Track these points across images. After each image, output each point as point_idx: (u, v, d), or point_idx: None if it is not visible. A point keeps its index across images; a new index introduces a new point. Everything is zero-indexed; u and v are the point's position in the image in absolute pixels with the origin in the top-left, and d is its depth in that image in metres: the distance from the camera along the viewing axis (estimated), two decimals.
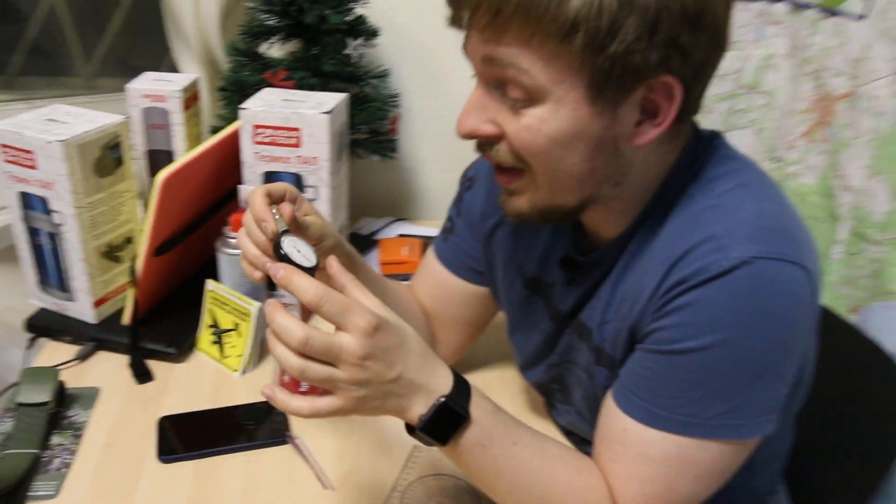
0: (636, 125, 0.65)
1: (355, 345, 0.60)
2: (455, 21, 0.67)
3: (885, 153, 1.16)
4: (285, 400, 0.63)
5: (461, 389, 0.67)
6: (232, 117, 1.21)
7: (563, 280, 0.82)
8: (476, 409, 0.67)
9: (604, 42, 0.59)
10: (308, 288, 0.61)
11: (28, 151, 0.95)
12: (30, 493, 0.81)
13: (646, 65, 0.60)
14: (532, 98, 0.63)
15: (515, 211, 0.73)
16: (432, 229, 1.37)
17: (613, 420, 0.70)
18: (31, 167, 0.96)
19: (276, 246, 0.70)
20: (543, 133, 0.64)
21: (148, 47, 1.93)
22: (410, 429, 0.68)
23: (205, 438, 0.89)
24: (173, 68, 1.35)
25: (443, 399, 0.65)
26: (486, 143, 0.69)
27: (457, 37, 0.68)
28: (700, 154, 0.72)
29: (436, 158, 1.49)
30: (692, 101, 0.66)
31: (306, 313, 1.05)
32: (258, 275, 0.73)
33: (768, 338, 0.64)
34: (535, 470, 0.70)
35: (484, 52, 0.64)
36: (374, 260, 1.30)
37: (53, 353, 1.03)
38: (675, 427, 0.66)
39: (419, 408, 0.65)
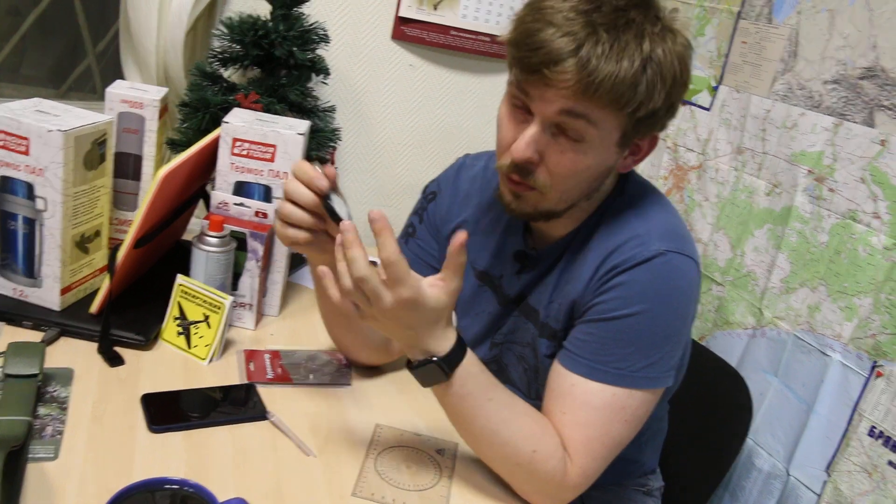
0: (624, 158, 0.90)
1: (389, 303, 0.79)
2: (532, 79, 0.82)
3: (725, 213, 1.48)
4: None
5: (454, 356, 0.85)
6: (190, 131, 1.30)
7: (513, 271, 1.03)
8: (461, 370, 0.86)
9: (643, 113, 0.82)
10: (392, 251, 0.77)
11: (23, 138, 1.00)
12: (31, 456, 0.84)
13: (655, 126, 0.87)
14: (583, 139, 0.84)
15: (521, 211, 0.93)
16: None
17: (563, 379, 0.91)
18: (23, 153, 1.00)
19: (326, 198, 0.84)
20: (583, 163, 0.86)
21: (40, 59, 1.94)
22: (411, 367, 0.87)
23: (190, 412, 0.97)
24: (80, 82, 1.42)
25: (435, 359, 0.84)
26: (524, 168, 0.88)
27: (387, 87, 0.87)
28: (626, 179, 0.97)
29: (360, 193, 1.64)
30: None
31: None
32: (302, 235, 0.87)
33: (675, 309, 0.89)
34: (505, 419, 0.89)
35: (563, 106, 0.82)
36: (305, 275, 1.42)
37: (11, 337, 1.05)
38: (611, 379, 0.88)
39: (417, 354, 0.85)
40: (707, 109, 1.56)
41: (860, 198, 1.18)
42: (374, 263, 0.80)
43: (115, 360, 1.04)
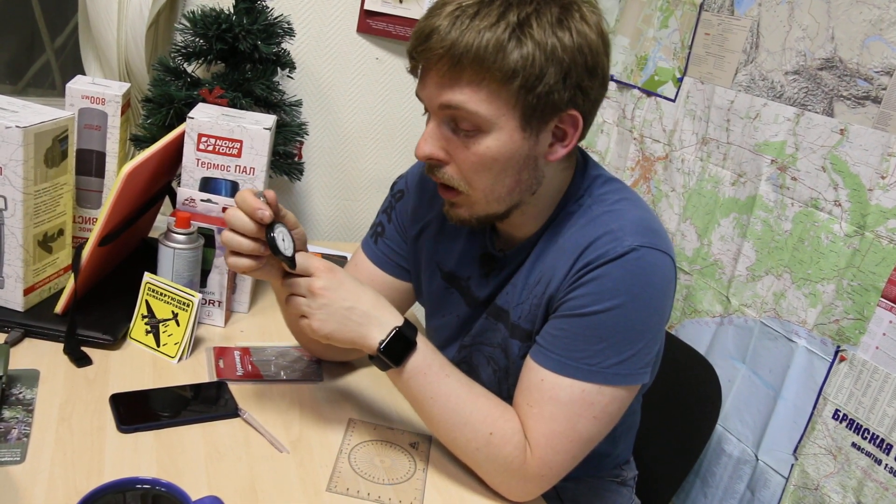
0: (549, 146, 0.88)
1: (316, 279, 0.86)
2: (414, 69, 0.87)
3: (692, 203, 1.50)
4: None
5: (410, 326, 0.89)
6: (154, 127, 1.28)
7: (480, 273, 1.02)
8: (421, 342, 0.89)
9: (533, 85, 0.81)
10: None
11: None
12: None
13: (560, 101, 0.84)
14: (479, 129, 0.84)
15: (458, 218, 0.93)
16: (318, 248, 1.51)
17: (533, 374, 0.91)
18: None
19: (269, 229, 0.85)
20: (488, 156, 0.85)
21: None
22: (370, 356, 0.90)
23: (160, 412, 0.95)
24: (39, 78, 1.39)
25: (398, 328, 0.88)
26: (435, 166, 0.89)
27: (353, 80, 0.87)
28: (586, 174, 0.96)
29: (324, 187, 1.63)
30: (586, 130, 0.90)
31: None
32: (247, 263, 0.87)
33: (649, 305, 0.89)
34: (463, 398, 0.91)
35: (441, 101, 0.84)
36: None
37: None
38: (581, 374, 0.87)
39: (377, 335, 0.88)
40: (672, 101, 1.57)
41: (821, 186, 1.20)
42: (339, 257, 0.80)
43: (82, 361, 1.02)
